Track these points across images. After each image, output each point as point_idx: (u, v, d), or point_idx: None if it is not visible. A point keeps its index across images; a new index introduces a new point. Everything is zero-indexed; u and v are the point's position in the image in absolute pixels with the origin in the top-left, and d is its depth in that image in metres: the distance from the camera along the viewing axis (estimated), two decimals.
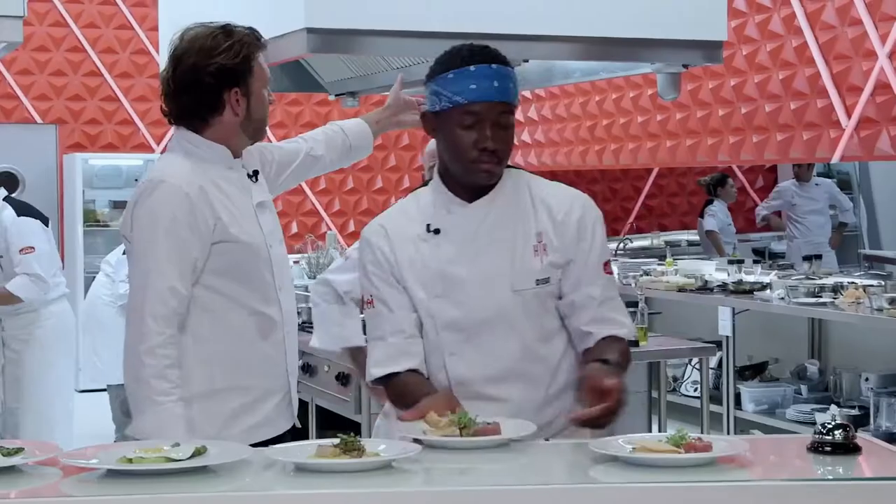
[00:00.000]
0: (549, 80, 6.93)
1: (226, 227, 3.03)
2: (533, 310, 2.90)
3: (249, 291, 3.08)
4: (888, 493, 2.31)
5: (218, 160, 3.10)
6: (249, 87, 3.08)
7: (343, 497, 2.31)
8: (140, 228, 3.02)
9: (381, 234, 2.96)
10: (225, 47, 3.04)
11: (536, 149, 11.32)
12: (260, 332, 3.10)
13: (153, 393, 2.93)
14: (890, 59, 7.56)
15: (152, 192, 3.01)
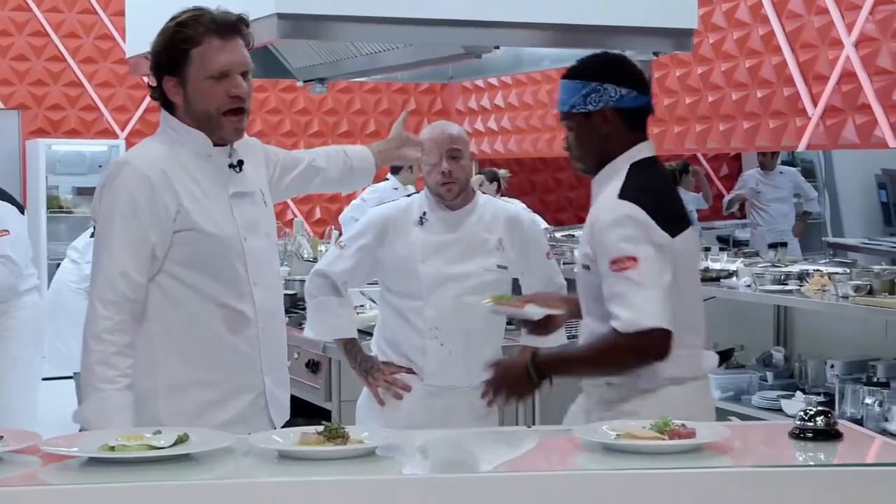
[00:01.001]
0: (518, 66, 6.93)
1: (189, 214, 2.94)
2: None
3: (217, 284, 2.98)
4: (869, 479, 2.32)
5: (195, 147, 3.02)
6: (185, 77, 2.96)
7: (327, 484, 2.30)
8: (102, 211, 2.97)
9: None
10: (159, 34, 2.99)
11: (503, 136, 11.32)
12: (229, 327, 3.00)
13: (96, 380, 2.86)
14: (856, 47, 7.61)
15: (116, 175, 2.96)
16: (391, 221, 4.08)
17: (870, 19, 7.50)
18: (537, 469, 2.46)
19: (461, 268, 4.02)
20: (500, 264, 4.07)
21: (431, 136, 4.04)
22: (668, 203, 3.14)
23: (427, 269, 4.00)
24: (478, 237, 4.07)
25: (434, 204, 4.08)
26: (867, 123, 7.54)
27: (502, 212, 4.18)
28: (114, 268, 2.89)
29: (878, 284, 6.79)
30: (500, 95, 11.24)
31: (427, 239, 4.04)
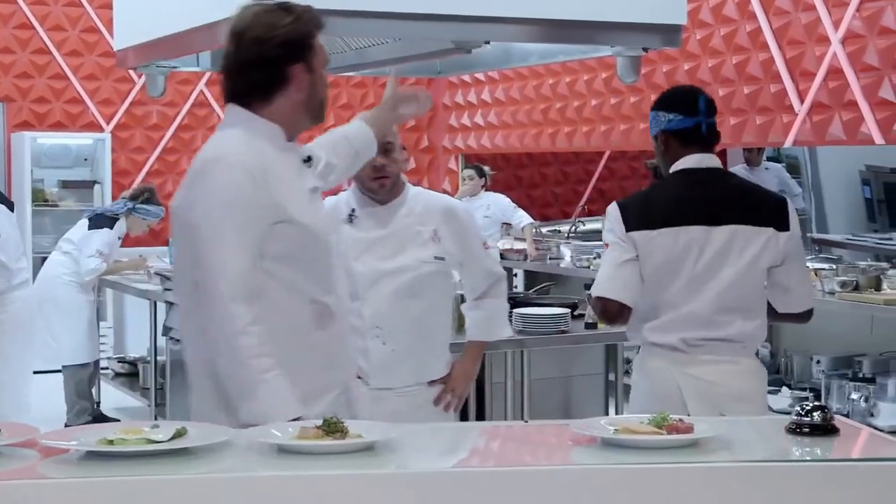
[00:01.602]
0: (507, 62, 6.92)
1: (285, 207, 2.91)
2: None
3: (308, 278, 2.96)
4: (866, 474, 2.34)
5: (274, 140, 2.98)
6: (311, 64, 2.99)
7: (326, 479, 2.30)
8: (205, 209, 2.87)
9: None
10: (287, 21, 2.95)
11: (489, 131, 11.32)
12: (317, 323, 2.97)
13: (258, 372, 2.79)
14: (842, 44, 7.63)
15: (212, 172, 2.89)
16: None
17: (856, 16, 7.53)
18: (536, 464, 2.46)
19: (396, 262, 3.96)
20: (438, 255, 4.01)
21: None
22: (647, 206, 3.84)
23: (360, 268, 3.92)
24: (411, 230, 4.00)
25: (362, 200, 4.01)
26: (853, 120, 7.57)
27: (436, 203, 4.12)
28: (239, 263, 2.84)
29: (863, 280, 6.83)
30: (488, 90, 11.24)
31: (357, 236, 3.96)
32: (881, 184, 10.23)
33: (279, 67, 2.95)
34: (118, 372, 8.79)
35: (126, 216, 8.04)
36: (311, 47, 2.99)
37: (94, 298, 8.13)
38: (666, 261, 3.75)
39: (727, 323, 3.74)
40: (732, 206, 3.81)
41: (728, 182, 3.96)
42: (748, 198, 3.87)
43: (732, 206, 3.81)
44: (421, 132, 12.11)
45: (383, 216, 4.00)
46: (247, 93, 2.99)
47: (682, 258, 3.76)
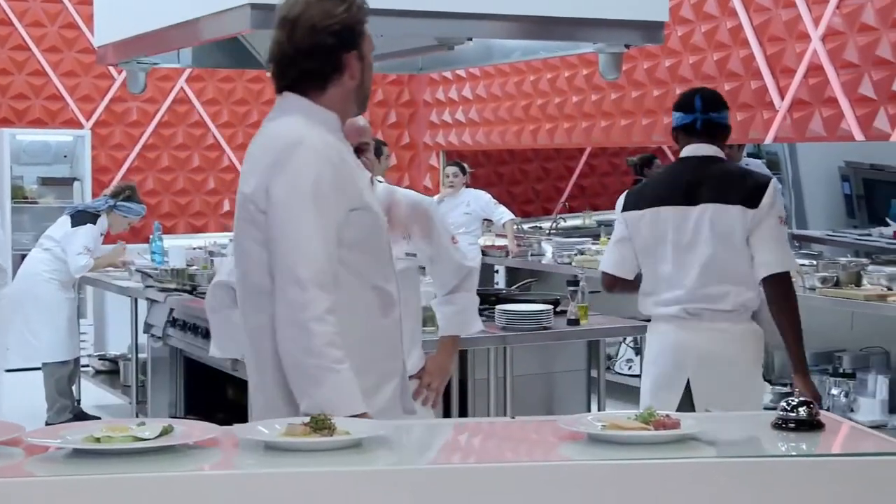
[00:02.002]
0: (489, 58, 6.93)
1: (361, 193, 2.89)
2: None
3: (375, 264, 2.94)
4: (851, 469, 2.35)
5: (331, 128, 2.94)
6: (363, 51, 2.95)
7: (313, 476, 2.29)
8: (288, 194, 2.80)
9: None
10: (342, 9, 2.91)
11: (471, 128, 11.32)
12: (381, 309, 2.95)
13: (329, 361, 2.71)
14: (822, 41, 7.66)
15: (293, 154, 2.82)
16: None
17: (837, 13, 7.56)
18: (523, 460, 2.46)
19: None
20: (409, 252, 4.02)
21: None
22: (641, 191, 4.58)
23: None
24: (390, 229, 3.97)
25: None
26: (834, 116, 7.60)
27: (406, 200, 4.10)
28: (320, 248, 2.78)
29: (844, 276, 6.86)
30: (468, 87, 11.24)
31: None
32: (860, 180, 10.26)
33: (335, 55, 2.90)
34: (99, 369, 8.76)
35: (107, 213, 8.01)
36: (362, 34, 2.95)
37: (75, 296, 8.10)
38: (651, 237, 4.35)
39: (721, 295, 4.23)
40: (708, 188, 4.28)
41: (712, 167, 4.35)
42: (725, 180, 4.31)
43: (708, 188, 4.28)
44: (402, 129, 12.11)
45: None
46: (300, 81, 2.93)
47: (664, 235, 4.32)
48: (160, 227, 8.77)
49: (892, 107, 7.23)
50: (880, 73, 7.29)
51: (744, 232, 4.22)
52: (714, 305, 4.24)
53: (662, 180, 4.58)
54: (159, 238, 8.49)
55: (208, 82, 11.20)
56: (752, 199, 4.21)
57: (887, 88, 7.24)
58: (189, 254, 8.07)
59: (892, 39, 7.21)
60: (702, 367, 4.25)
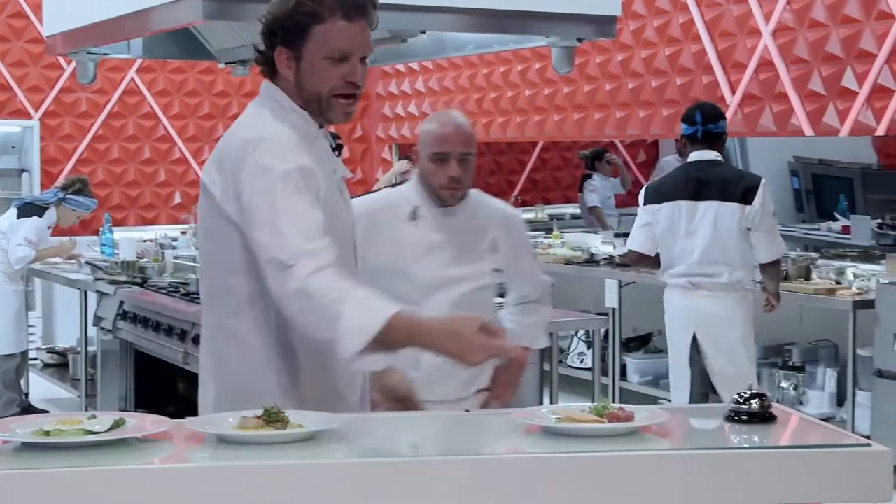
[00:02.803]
0: (442, 51, 6.94)
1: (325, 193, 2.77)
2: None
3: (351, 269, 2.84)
4: (803, 461, 2.36)
5: (303, 125, 2.81)
6: (301, 52, 2.76)
7: (266, 469, 2.28)
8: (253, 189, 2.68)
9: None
10: (280, 4, 2.77)
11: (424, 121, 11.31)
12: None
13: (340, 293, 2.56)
14: (773, 36, 7.72)
15: (254, 151, 2.70)
16: (379, 214, 3.60)
17: (787, 9, 7.62)
18: (477, 452, 2.46)
19: (457, 271, 3.61)
20: (496, 268, 3.69)
21: (444, 132, 3.54)
22: (658, 188, 5.96)
23: (420, 271, 3.56)
24: (470, 237, 3.65)
25: (427, 198, 3.61)
26: (784, 111, 7.66)
27: (496, 211, 3.76)
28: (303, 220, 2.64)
29: (793, 270, 6.92)
30: (421, 80, 11.22)
31: (420, 237, 3.59)
32: (809, 175, 10.35)
33: (268, 49, 2.81)
34: (47, 362, 8.69)
35: (56, 206, 7.93)
36: (302, 35, 2.75)
37: (23, 288, 8.02)
38: (667, 225, 5.75)
39: (717, 272, 5.65)
40: (711, 187, 5.63)
41: (713, 170, 5.70)
42: (724, 181, 5.65)
43: (711, 187, 5.63)
44: (355, 121, 12.07)
45: (447, 219, 3.62)
46: (263, 64, 2.84)
47: (677, 224, 5.71)
48: (110, 219, 8.70)
49: (841, 102, 7.30)
50: (829, 68, 7.36)
51: (739, 224, 5.59)
52: (712, 279, 5.64)
53: (676, 179, 5.85)
54: (109, 230, 8.43)
55: (159, 73, 11.11)
56: (746, 197, 5.56)
57: (836, 84, 7.30)
58: (139, 246, 8.02)
59: (841, 35, 7.28)
60: (703, 325, 5.69)
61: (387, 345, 2.54)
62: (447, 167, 3.52)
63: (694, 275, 5.67)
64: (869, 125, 7.15)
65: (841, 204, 9.46)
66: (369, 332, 2.50)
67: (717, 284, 5.63)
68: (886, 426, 6.01)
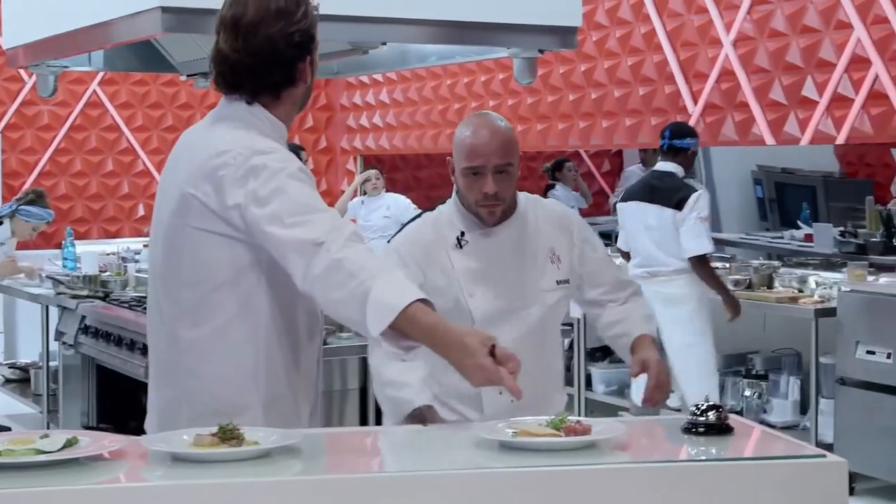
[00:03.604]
0: (405, 62, 6.92)
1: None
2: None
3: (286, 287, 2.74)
4: (760, 473, 2.37)
5: (276, 138, 2.77)
6: (314, 57, 2.79)
7: (221, 487, 2.26)
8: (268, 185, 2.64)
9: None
10: (302, 13, 2.72)
11: (388, 132, 11.30)
12: (308, 333, 2.82)
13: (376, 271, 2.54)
14: (734, 46, 7.76)
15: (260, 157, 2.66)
16: (431, 247, 3.24)
17: (748, 19, 7.66)
18: (434, 468, 2.45)
19: (518, 299, 3.23)
20: (560, 279, 3.28)
21: (476, 142, 3.15)
22: (628, 188, 7.05)
23: (478, 304, 3.20)
24: (526, 255, 3.26)
25: (469, 220, 3.24)
26: (745, 121, 7.70)
27: (549, 214, 3.34)
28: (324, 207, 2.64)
29: (756, 279, 6.95)
30: (385, 91, 11.22)
31: (470, 266, 3.22)
32: (772, 183, 10.42)
33: (293, 64, 2.74)
34: (9, 378, 8.61)
35: (10, 219, 7.86)
36: (314, 38, 2.77)
37: None
38: (628, 223, 6.82)
39: (668, 262, 6.60)
40: (659, 193, 6.60)
41: (666, 180, 6.62)
42: (669, 189, 6.57)
43: (659, 193, 6.60)
44: (319, 133, 12.06)
45: (496, 240, 3.24)
46: (253, 89, 2.75)
47: (634, 222, 6.73)
48: (72, 232, 8.64)
49: (801, 112, 7.34)
50: (790, 78, 7.40)
51: (673, 224, 6.53)
52: (664, 267, 6.61)
53: (637, 184, 6.99)
54: (71, 244, 8.36)
55: (122, 86, 11.06)
56: (679, 205, 6.50)
57: (797, 93, 7.35)
58: (102, 259, 7.96)
59: (801, 45, 7.32)
60: (661, 306, 6.46)
61: (405, 335, 2.51)
62: (482, 182, 3.13)
63: (649, 266, 6.66)
64: (829, 134, 7.20)
65: (804, 212, 9.52)
66: (396, 308, 2.47)
67: (669, 271, 6.60)
68: (849, 433, 6.04)
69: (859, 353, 6.09)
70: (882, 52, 6.87)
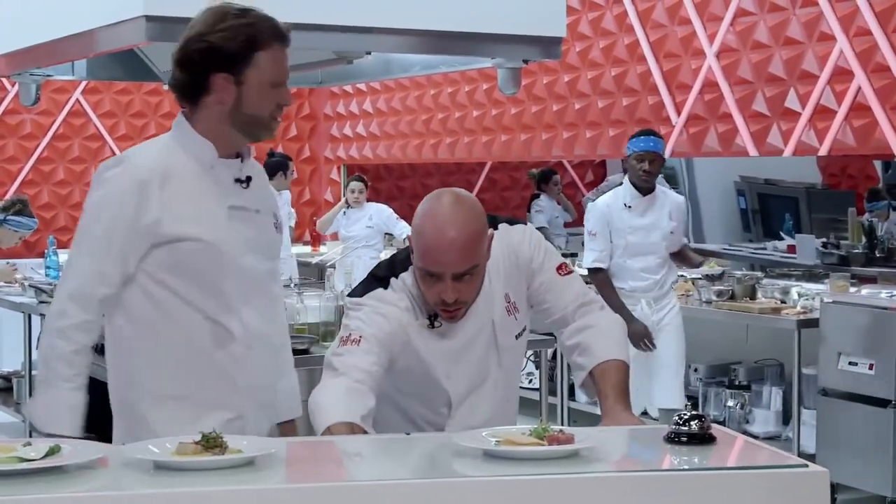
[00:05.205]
0: (389, 72, 6.94)
1: (179, 222, 2.84)
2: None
3: (205, 296, 2.88)
4: (742, 482, 2.37)
5: (201, 156, 2.89)
6: (243, 77, 2.82)
7: (204, 496, 2.26)
8: (89, 204, 2.92)
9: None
10: (223, 27, 2.81)
11: (371, 142, 11.31)
12: (214, 342, 2.90)
13: (54, 377, 2.87)
14: (717, 57, 7.79)
15: (111, 170, 2.89)
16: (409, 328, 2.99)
17: (731, 30, 7.69)
18: (417, 476, 2.45)
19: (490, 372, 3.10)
20: (518, 332, 3.12)
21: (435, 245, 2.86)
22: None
23: (454, 386, 3.05)
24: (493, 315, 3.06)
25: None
26: (728, 132, 7.72)
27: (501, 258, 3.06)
28: (90, 266, 2.86)
29: (739, 290, 6.97)
30: (369, 101, 11.23)
31: (444, 347, 3.02)
32: (755, 194, 10.45)
33: (201, 74, 2.84)
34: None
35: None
36: (246, 59, 2.82)
37: None
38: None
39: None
40: None
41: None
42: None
43: None
44: (303, 142, 12.05)
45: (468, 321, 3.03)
46: (178, 93, 2.91)
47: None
48: (55, 241, 8.61)
49: (784, 123, 7.37)
50: (773, 89, 7.43)
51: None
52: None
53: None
54: (54, 252, 8.33)
55: (105, 95, 11.04)
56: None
57: (780, 105, 7.38)
58: None
59: (784, 56, 7.35)
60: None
61: None
62: (440, 287, 2.88)
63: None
64: (812, 145, 7.23)
65: (786, 223, 9.54)
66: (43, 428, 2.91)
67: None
68: (831, 444, 6.05)
69: (841, 364, 6.10)
70: (865, 64, 6.91)
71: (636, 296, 6.58)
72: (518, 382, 3.36)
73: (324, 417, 2.72)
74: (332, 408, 2.74)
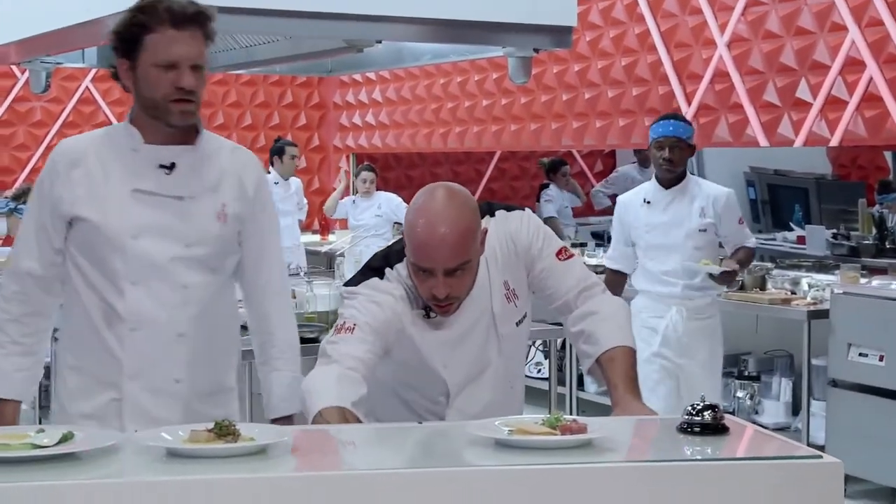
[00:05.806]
0: (399, 61, 6.93)
1: (81, 203, 3.00)
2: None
3: (98, 275, 3.03)
4: (756, 473, 2.36)
5: (125, 140, 3.03)
6: (137, 62, 2.94)
7: (217, 483, 2.26)
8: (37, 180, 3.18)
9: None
10: (121, 16, 2.97)
11: (381, 131, 11.30)
12: (105, 321, 3.05)
13: None
14: (728, 48, 7.77)
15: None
16: (404, 317, 2.98)
17: (742, 20, 7.67)
18: (431, 465, 2.45)
19: (494, 357, 3.09)
20: (519, 319, 3.10)
21: (427, 241, 2.86)
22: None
23: (451, 376, 3.05)
24: (492, 303, 3.05)
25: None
26: (739, 122, 7.70)
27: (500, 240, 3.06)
28: (20, 241, 3.11)
29: (749, 280, 6.95)
30: (378, 90, 11.22)
31: (441, 336, 3.02)
32: (765, 185, 10.43)
33: (117, 60, 3.01)
34: None
35: (7, 216, 7.86)
36: (136, 44, 2.92)
37: None
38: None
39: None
40: None
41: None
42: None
43: None
44: (312, 131, 12.05)
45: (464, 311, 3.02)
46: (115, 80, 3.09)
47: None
48: None
49: (795, 113, 7.35)
50: (784, 79, 7.41)
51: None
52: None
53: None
54: None
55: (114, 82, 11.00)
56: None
57: (791, 95, 7.36)
58: None
59: (795, 47, 7.33)
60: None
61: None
62: (432, 283, 2.87)
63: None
64: (823, 136, 7.21)
65: (796, 214, 9.53)
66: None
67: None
68: (840, 435, 6.04)
69: (851, 356, 6.10)
70: (877, 54, 6.88)
71: (668, 302, 5.78)
72: (522, 370, 3.35)
73: (315, 402, 2.72)
74: (323, 393, 2.74)
